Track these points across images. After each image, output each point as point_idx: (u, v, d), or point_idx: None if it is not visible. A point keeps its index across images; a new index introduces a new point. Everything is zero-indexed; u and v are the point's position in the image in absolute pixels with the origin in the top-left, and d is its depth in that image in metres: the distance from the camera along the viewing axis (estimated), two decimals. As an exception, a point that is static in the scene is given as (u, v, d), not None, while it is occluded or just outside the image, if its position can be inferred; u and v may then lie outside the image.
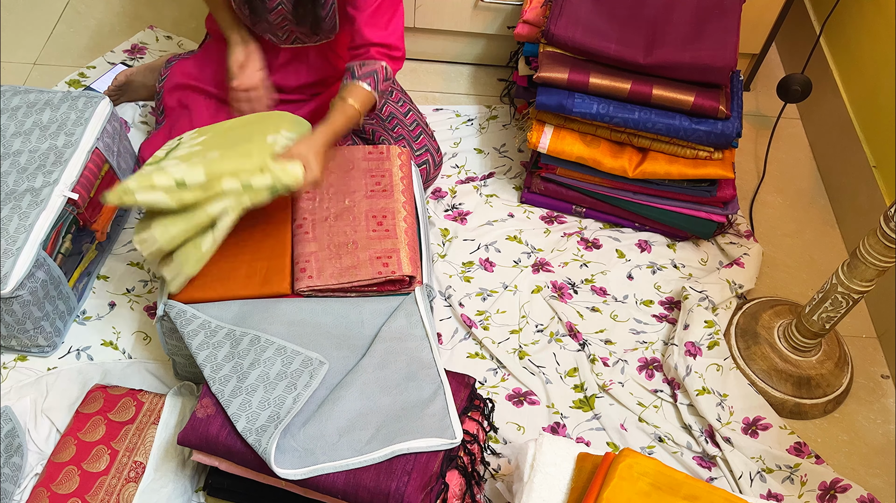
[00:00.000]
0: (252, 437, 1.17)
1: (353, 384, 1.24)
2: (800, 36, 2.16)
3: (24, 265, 1.40)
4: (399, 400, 1.25)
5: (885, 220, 1.30)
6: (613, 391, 1.58)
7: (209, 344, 1.28)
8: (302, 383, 1.22)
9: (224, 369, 1.24)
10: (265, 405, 1.20)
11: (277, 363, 1.24)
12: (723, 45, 1.62)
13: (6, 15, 2.20)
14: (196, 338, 1.28)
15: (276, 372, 1.24)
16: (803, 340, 1.56)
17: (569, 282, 1.75)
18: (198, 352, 1.27)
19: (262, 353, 1.26)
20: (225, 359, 1.26)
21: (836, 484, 1.47)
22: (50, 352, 1.55)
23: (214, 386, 1.23)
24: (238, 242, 1.37)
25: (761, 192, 1.98)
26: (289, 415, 1.18)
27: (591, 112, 1.65)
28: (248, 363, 1.25)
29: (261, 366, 1.24)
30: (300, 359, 1.25)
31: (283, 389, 1.21)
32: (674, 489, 1.17)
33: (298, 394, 1.21)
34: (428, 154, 1.75)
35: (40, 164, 1.52)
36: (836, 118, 1.97)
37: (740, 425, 1.53)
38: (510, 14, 2.05)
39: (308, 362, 1.25)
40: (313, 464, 1.17)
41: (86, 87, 1.98)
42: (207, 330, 1.29)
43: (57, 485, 1.32)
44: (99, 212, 1.63)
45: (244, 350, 1.26)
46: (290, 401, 1.20)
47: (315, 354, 1.26)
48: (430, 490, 1.19)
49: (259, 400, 1.21)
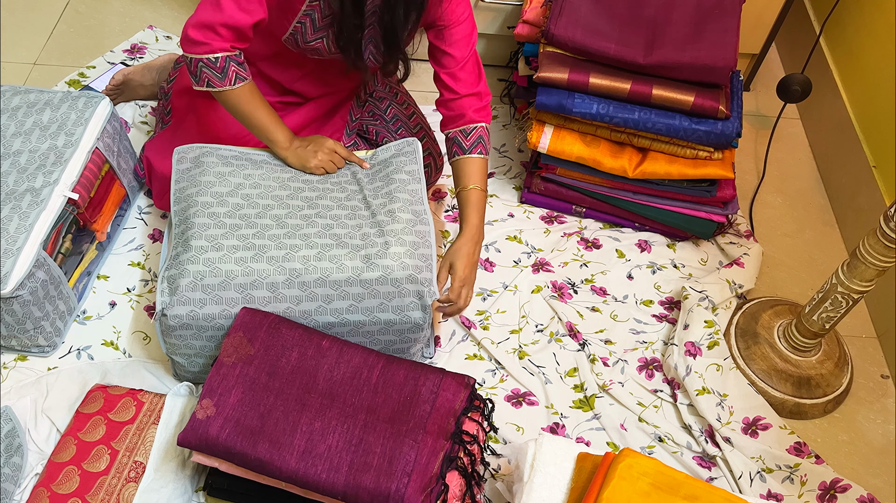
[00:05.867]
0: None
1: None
2: (800, 36, 2.16)
3: (25, 265, 1.40)
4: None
5: (885, 220, 1.30)
6: (613, 391, 1.58)
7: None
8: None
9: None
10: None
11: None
12: (723, 45, 1.62)
13: (6, 15, 2.20)
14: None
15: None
16: (803, 340, 1.56)
17: (569, 282, 1.75)
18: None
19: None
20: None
21: (835, 484, 1.47)
22: (50, 351, 1.55)
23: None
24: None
25: (761, 192, 1.98)
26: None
27: (591, 112, 1.65)
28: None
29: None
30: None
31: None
32: (674, 489, 1.17)
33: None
34: (430, 157, 1.75)
35: (40, 164, 1.52)
36: (836, 118, 1.97)
37: (740, 425, 1.53)
38: (510, 14, 2.05)
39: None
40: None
41: (84, 87, 1.98)
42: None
43: (57, 485, 1.32)
44: (99, 212, 1.63)
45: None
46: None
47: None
48: (430, 491, 1.19)
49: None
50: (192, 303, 1.34)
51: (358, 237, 1.41)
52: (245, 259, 1.36)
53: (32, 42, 2.14)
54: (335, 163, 1.54)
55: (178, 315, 1.34)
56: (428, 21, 1.50)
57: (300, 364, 1.31)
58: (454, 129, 1.57)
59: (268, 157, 1.55)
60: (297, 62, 1.61)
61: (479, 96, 1.56)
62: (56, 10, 2.23)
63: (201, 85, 1.43)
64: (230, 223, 1.41)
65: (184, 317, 1.34)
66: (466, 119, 1.55)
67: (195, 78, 1.43)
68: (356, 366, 1.32)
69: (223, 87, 1.43)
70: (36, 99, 1.63)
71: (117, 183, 1.69)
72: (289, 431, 1.23)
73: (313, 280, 1.36)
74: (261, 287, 1.36)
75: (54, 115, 1.60)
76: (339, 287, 1.37)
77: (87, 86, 1.99)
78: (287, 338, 1.33)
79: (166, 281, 1.36)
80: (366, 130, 1.76)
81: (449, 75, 1.53)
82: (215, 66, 1.41)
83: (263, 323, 1.33)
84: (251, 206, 1.44)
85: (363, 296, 1.38)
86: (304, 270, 1.36)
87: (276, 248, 1.38)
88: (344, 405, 1.27)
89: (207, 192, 1.45)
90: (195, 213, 1.41)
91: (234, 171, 1.49)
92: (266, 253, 1.37)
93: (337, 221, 1.44)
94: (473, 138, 1.55)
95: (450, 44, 1.51)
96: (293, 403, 1.26)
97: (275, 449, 1.21)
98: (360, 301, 1.38)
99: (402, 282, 1.37)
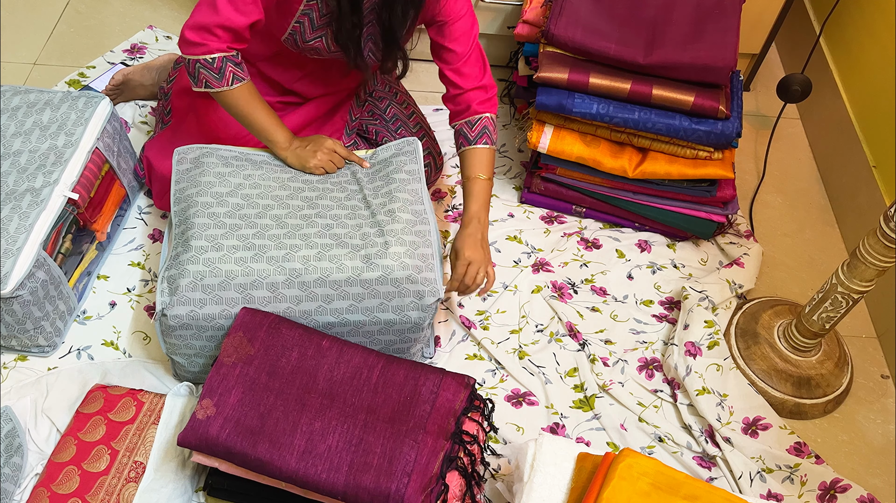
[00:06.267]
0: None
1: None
2: (800, 36, 2.16)
3: (25, 265, 1.40)
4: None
5: (885, 220, 1.30)
6: (613, 391, 1.58)
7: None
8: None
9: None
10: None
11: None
12: (723, 45, 1.62)
13: (6, 15, 2.20)
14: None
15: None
16: (803, 340, 1.56)
17: (569, 282, 1.75)
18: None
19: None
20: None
21: (835, 484, 1.47)
22: (50, 351, 1.55)
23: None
24: None
25: (761, 192, 1.98)
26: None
27: (591, 112, 1.65)
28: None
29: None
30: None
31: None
32: (674, 489, 1.17)
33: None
34: (430, 157, 1.75)
35: (40, 164, 1.52)
36: (836, 118, 1.97)
37: (740, 425, 1.53)
38: (510, 14, 2.05)
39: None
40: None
41: (84, 87, 1.98)
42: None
43: (57, 485, 1.32)
44: (99, 212, 1.63)
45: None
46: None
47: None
48: (430, 491, 1.19)
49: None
50: (192, 304, 1.34)
51: (358, 237, 1.41)
52: (245, 259, 1.36)
53: (32, 42, 2.14)
54: (335, 162, 1.53)
55: (178, 315, 1.34)
56: (427, 18, 1.50)
57: (300, 364, 1.31)
58: (460, 121, 1.58)
59: (268, 158, 1.55)
60: (298, 62, 1.61)
61: (484, 89, 1.57)
62: (56, 10, 2.23)
63: (199, 86, 1.44)
64: (230, 223, 1.41)
65: (184, 318, 1.34)
66: (472, 111, 1.57)
67: (193, 79, 1.44)
68: (356, 366, 1.32)
69: (221, 87, 1.44)
70: (36, 99, 1.63)
71: (117, 183, 1.69)
72: (289, 431, 1.23)
73: (313, 280, 1.36)
74: (261, 287, 1.36)
75: (54, 115, 1.60)
76: (339, 287, 1.37)
77: (87, 86, 1.99)
78: (287, 338, 1.33)
79: (166, 281, 1.36)
80: (365, 130, 1.76)
81: (453, 71, 1.54)
82: (212, 66, 1.41)
83: (263, 323, 1.33)
84: (251, 206, 1.44)
85: (363, 296, 1.38)
86: (304, 270, 1.36)
87: (276, 248, 1.38)
88: (344, 405, 1.27)
89: (207, 193, 1.45)
90: (195, 214, 1.41)
91: (234, 172, 1.49)
92: (266, 253, 1.37)
93: (337, 221, 1.44)
94: (478, 129, 1.57)
95: (451, 40, 1.51)
96: (293, 403, 1.26)
97: (275, 449, 1.21)
98: (360, 301, 1.38)
99: (402, 282, 1.37)
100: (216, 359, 1.30)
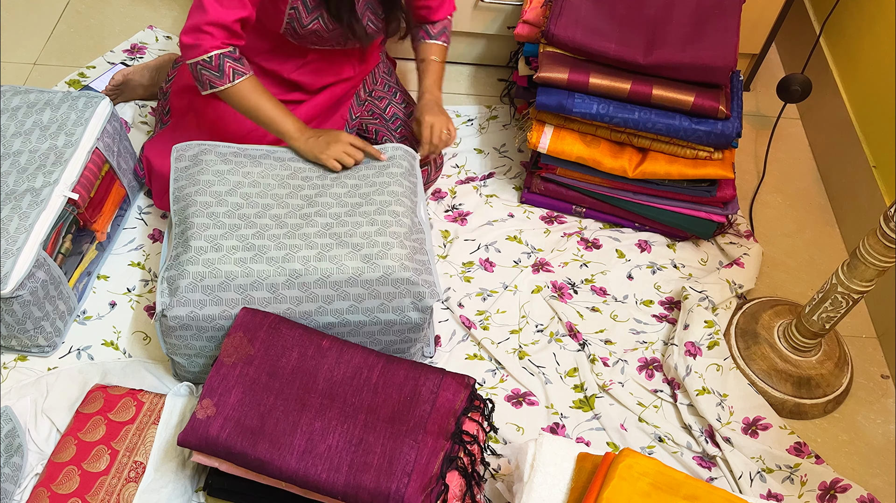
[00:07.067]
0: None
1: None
2: (800, 36, 2.16)
3: (25, 265, 1.40)
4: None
5: (885, 220, 1.30)
6: (613, 391, 1.58)
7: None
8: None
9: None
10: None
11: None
12: (723, 46, 1.62)
13: (6, 15, 2.20)
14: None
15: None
16: (803, 340, 1.56)
17: (569, 282, 1.75)
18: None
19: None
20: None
21: (836, 484, 1.47)
22: (50, 352, 1.55)
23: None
24: None
25: (761, 192, 1.98)
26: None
27: (591, 112, 1.65)
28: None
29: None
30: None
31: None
32: (674, 489, 1.17)
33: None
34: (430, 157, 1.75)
35: (40, 164, 1.52)
36: (836, 118, 1.97)
37: (740, 425, 1.53)
38: (510, 14, 2.05)
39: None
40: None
41: (84, 87, 1.98)
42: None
43: (57, 485, 1.32)
44: (99, 212, 1.63)
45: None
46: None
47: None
48: (430, 491, 1.19)
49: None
50: (192, 304, 1.34)
51: (358, 235, 1.41)
52: (245, 260, 1.36)
53: (32, 42, 2.14)
54: (351, 155, 1.50)
55: (178, 316, 1.34)
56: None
57: (300, 364, 1.31)
58: (423, 21, 1.71)
59: (267, 153, 1.54)
60: (298, 53, 1.63)
61: (446, 7, 1.73)
62: (56, 10, 2.23)
63: (206, 88, 1.46)
64: (230, 223, 1.41)
65: (184, 318, 1.34)
66: (433, 17, 1.71)
67: (199, 83, 1.46)
68: (356, 366, 1.32)
69: (224, 84, 1.44)
70: (36, 99, 1.63)
71: (117, 183, 1.69)
72: (289, 431, 1.23)
73: (313, 281, 1.36)
74: (261, 288, 1.36)
75: (54, 115, 1.60)
76: (340, 287, 1.37)
77: (87, 86, 1.99)
78: (287, 338, 1.33)
79: (166, 281, 1.36)
80: (365, 129, 1.77)
81: (425, 7, 1.70)
82: (211, 65, 1.42)
83: (263, 323, 1.33)
84: (250, 206, 1.44)
85: (363, 297, 1.38)
86: (305, 271, 1.36)
87: (275, 249, 1.38)
88: (344, 405, 1.27)
89: (206, 192, 1.45)
90: (194, 213, 1.41)
91: (232, 169, 1.49)
92: (266, 253, 1.37)
93: (337, 220, 1.44)
94: (439, 28, 1.73)
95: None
96: (293, 403, 1.26)
97: (275, 449, 1.21)
98: (360, 301, 1.38)
99: (403, 283, 1.37)
100: (216, 360, 1.30)
